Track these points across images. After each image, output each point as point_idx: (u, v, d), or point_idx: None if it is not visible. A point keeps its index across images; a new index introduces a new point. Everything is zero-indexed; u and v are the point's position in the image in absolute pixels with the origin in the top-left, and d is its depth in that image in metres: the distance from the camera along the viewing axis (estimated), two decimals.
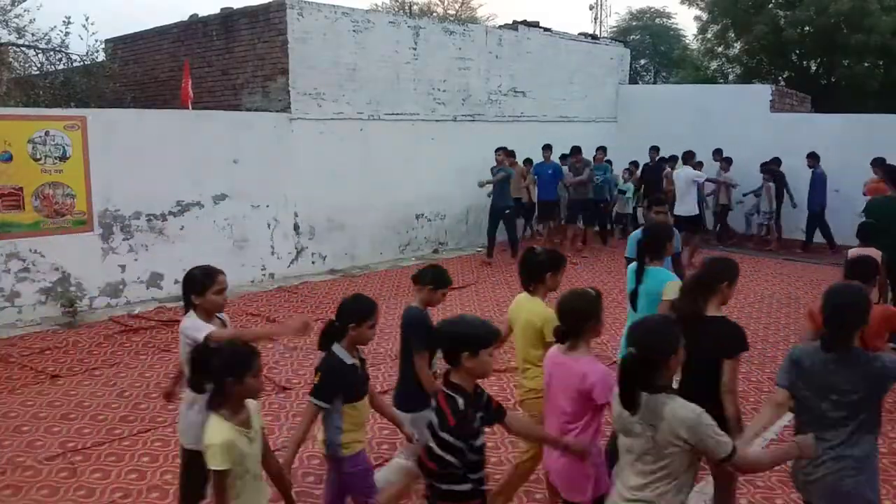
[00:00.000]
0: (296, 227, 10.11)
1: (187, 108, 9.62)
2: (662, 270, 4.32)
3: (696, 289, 3.55)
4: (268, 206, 9.77)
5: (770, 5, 21.92)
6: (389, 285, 9.66)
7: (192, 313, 3.46)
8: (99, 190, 8.20)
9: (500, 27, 14.01)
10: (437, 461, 2.64)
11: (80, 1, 15.30)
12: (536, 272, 3.86)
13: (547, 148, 11.78)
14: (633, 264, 4.44)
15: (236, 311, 8.30)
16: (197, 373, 2.82)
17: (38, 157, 7.74)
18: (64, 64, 12.51)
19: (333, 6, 10.06)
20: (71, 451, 4.79)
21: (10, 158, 7.55)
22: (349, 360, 3.32)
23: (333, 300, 8.82)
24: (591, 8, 59.44)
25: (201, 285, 3.44)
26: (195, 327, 3.33)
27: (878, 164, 10.06)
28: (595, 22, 40.01)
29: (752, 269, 10.81)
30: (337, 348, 3.32)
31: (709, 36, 24.54)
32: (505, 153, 10.94)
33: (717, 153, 12.94)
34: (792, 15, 21.01)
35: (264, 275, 9.84)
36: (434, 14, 32.09)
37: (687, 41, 33.36)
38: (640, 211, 12.94)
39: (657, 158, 12.88)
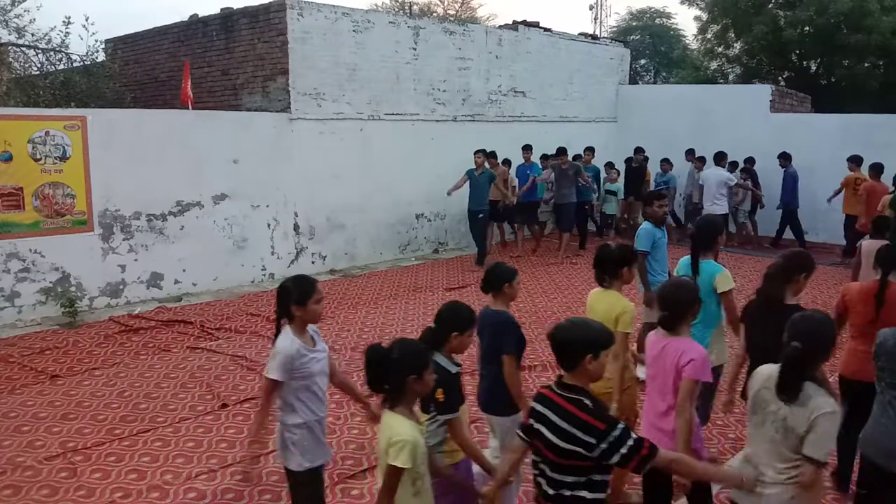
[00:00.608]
0: (296, 227, 10.11)
1: (187, 108, 9.62)
2: (712, 263, 4.52)
3: (777, 278, 3.74)
4: (268, 206, 9.77)
5: (770, 5, 21.93)
6: (389, 285, 9.66)
7: (288, 328, 3.32)
8: (99, 190, 8.20)
9: (500, 27, 14.00)
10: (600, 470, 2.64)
11: (80, 1, 15.30)
12: (613, 267, 4.06)
13: (527, 149, 11.56)
14: (687, 258, 4.61)
15: (236, 310, 8.31)
16: (375, 372, 2.84)
17: (38, 157, 7.75)
18: (64, 64, 12.52)
19: (333, 6, 10.06)
20: (71, 451, 4.79)
21: (10, 158, 7.55)
22: (453, 369, 3.19)
23: (333, 300, 8.83)
24: (591, 8, 59.45)
25: (304, 295, 3.30)
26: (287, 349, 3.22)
27: (856, 160, 10.69)
28: (595, 22, 40.03)
29: (753, 268, 10.82)
30: (440, 358, 3.15)
31: (709, 36, 24.55)
32: (484, 155, 10.58)
33: (690, 153, 12.96)
34: (792, 15, 21.02)
35: (264, 275, 9.84)
36: (434, 14, 32.10)
37: (687, 41, 33.41)
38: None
39: (642, 159, 12.85)
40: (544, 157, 11.90)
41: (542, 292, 9.31)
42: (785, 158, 11.90)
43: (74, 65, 12.48)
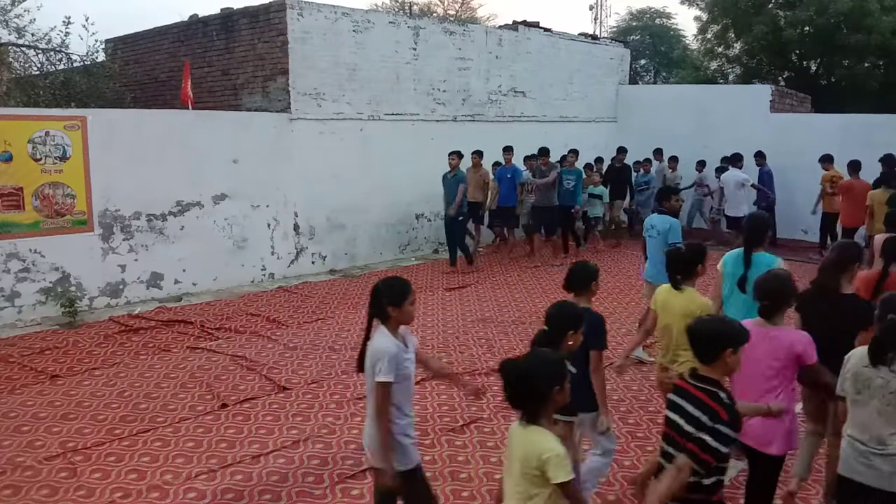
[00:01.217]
0: (296, 227, 10.11)
1: (187, 108, 9.62)
2: (766, 255, 4.70)
3: (832, 270, 3.98)
4: (268, 206, 9.77)
5: (770, 5, 21.92)
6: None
7: (383, 329, 3.33)
8: (99, 190, 8.20)
9: (500, 27, 14.00)
10: (713, 453, 2.70)
11: (80, 1, 15.30)
12: (689, 267, 4.32)
13: (507, 150, 11.17)
14: (738, 251, 4.78)
15: (236, 310, 8.31)
16: (517, 389, 2.66)
17: (38, 157, 7.74)
18: (64, 64, 12.52)
19: (333, 6, 10.05)
20: (71, 451, 4.79)
21: (10, 158, 7.55)
22: (573, 370, 3.13)
23: (333, 300, 8.84)
24: (591, 8, 59.45)
25: (401, 296, 3.30)
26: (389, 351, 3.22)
27: (828, 159, 11.05)
28: (595, 22, 40.02)
29: None
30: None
31: (709, 36, 24.54)
32: (458, 156, 10.22)
33: (658, 153, 13.13)
34: (792, 15, 21.01)
35: (264, 275, 9.84)
36: (434, 14, 32.09)
37: (687, 41, 33.39)
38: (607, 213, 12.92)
39: (624, 160, 12.78)
40: (527, 159, 11.54)
41: (543, 292, 9.31)
42: (760, 157, 12.11)
43: (74, 65, 12.49)
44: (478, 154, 10.84)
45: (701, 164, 12.81)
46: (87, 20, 12.06)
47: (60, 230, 7.95)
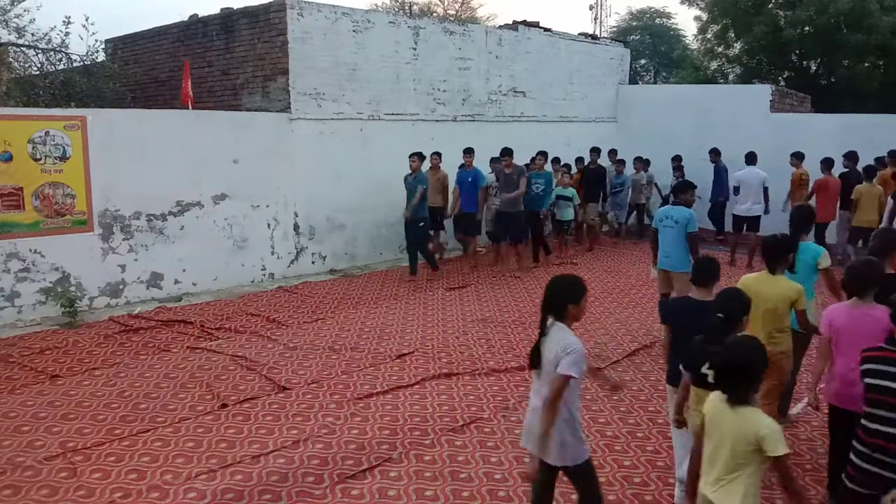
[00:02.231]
0: (296, 227, 10.11)
1: (187, 108, 9.62)
2: (812, 244, 5.25)
3: (880, 253, 4.44)
4: (268, 206, 9.77)
5: (770, 5, 21.92)
6: (389, 285, 9.65)
7: (563, 325, 3.45)
8: (99, 190, 8.19)
9: (500, 27, 14.00)
10: None
11: (80, 1, 15.31)
12: (783, 254, 4.60)
13: (468, 152, 10.48)
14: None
15: (236, 310, 8.31)
16: (735, 374, 2.91)
17: (38, 157, 7.74)
18: (64, 64, 12.51)
19: (333, 6, 10.05)
20: (71, 451, 4.79)
21: (10, 158, 7.55)
22: None
23: (333, 300, 8.84)
24: (591, 8, 59.49)
25: (581, 293, 3.46)
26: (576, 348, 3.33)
27: (799, 156, 11.31)
28: (595, 22, 40.06)
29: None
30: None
31: (709, 36, 24.54)
32: (419, 158, 9.76)
33: (612, 153, 13.01)
34: (792, 15, 21.01)
35: (264, 275, 9.84)
36: (434, 14, 32.10)
37: (687, 41, 33.41)
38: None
39: (598, 160, 12.43)
40: (492, 161, 10.76)
41: (543, 292, 9.29)
42: (715, 154, 12.37)
43: (74, 65, 12.48)
44: (437, 155, 10.40)
45: (646, 164, 12.94)
46: (87, 20, 12.08)
47: (60, 230, 7.95)
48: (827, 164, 10.75)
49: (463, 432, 5.13)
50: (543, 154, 11.08)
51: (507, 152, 10.24)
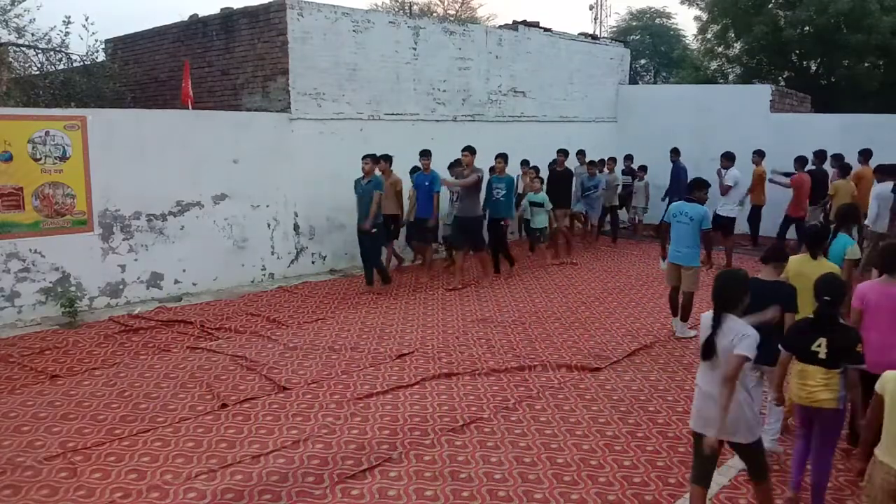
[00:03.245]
0: (296, 227, 10.10)
1: (187, 108, 9.62)
2: (846, 237, 5.72)
3: None
4: (268, 206, 9.77)
5: (770, 5, 21.92)
6: (389, 285, 9.64)
7: (734, 316, 3.65)
8: (99, 190, 8.19)
9: (500, 27, 14.00)
10: None
11: (80, 1, 15.31)
12: (822, 242, 5.11)
13: (425, 154, 9.80)
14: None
15: (236, 310, 8.31)
16: None
17: (38, 157, 7.74)
18: (64, 64, 12.51)
19: (333, 6, 10.05)
20: (71, 451, 4.79)
21: (10, 158, 7.54)
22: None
23: (333, 300, 8.83)
24: (591, 8, 59.48)
25: (749, 285, 3.77)
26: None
27: (760, 154, 11.85)
28: (595, 22, 40.06)
29: (751, 268, 10.81)
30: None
31: (709, 36, 24.55)
32: (373, 160, 9.08)
33: (581, 153, 12.60)
34: (792, 15, 21.02)
35: (264, 275, 9.84)
36: (434, 14, 32.10)
37: (687, 41, 33.43)
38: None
39: (565, 163, 11.67)
40: (451, 166, 10.03)
41: (543, 292, 9.31)
42: (675, 153, 12.54)
43: (74, 65, 12.48)
44: (386, 159, 9.72)
45: (612, 162, 12.79)
46: (87, 20, 12.08)
47: (60, 230, 7.95)
48: (801, 162, 11.25)
49: (463, 432, 5.13)
50: (503, 156, 10.09)
51: (467, 150, 9.43)
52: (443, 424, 5.25)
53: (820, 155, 11.35)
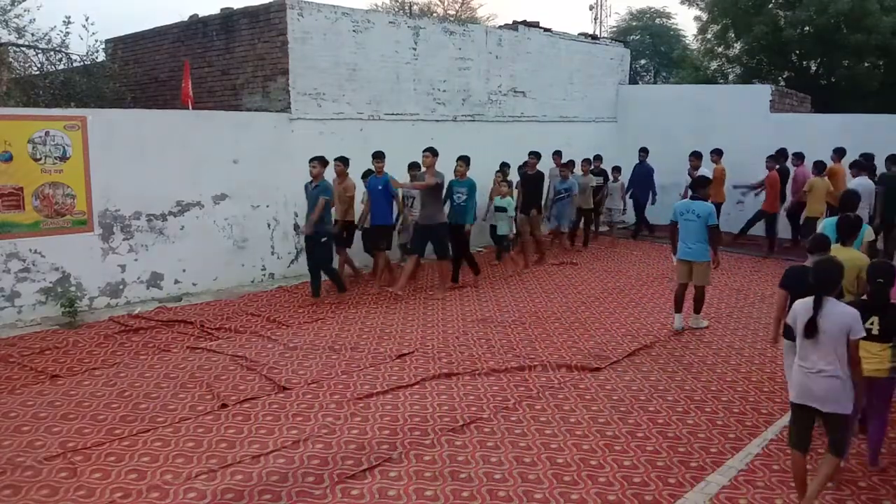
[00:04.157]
0: (296, 227, 10.09)
1: (187, 108, 9.61)
2: (864, 224, 5.96)
3: None
4: (268, 206, 9.77)
5: (770, 5, 21.93)
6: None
7: (833, 299, 4.03)
8: (99, 190, 8.19)
9: (500, 27, 14.00)
10: None
11: (80, 1, 15.31)
12: (854, 232, 5.43)
13: (378, 156, 9.16)
14: (831, 219, 5.99)
15: (236, 310, 8.31)
16: None
17: (38, 157, 7.74)
18: (64, 64, 12.51)
19: (333, 6, 10.05)
20: (71, 451, 4.79)
21: (10, 158, 7.54)
22: None
23: (333, 300, 8.82)
24: (591, 8, 59.48)
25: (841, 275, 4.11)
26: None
27: (719, 153, 12.11)
28: (595, 22, 40.05)
29: (752, 269, 10.84)
30: None
31: (709, 36, 24.55)
32: (321, 163, 8.56)
33: (557, 154, 12.05)
34: (792, 15, 21.02)
35: (264, 275, 9.84)
36: (434, 14, 32.10)
37: (687, 41, 33.41)
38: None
39: (537, 165, 11.06)
40: (411, 168, 9.80)
41: (543, 292, 9.31)
42: (644, 153, 12.69)
43: (74, 65, 12.48)
44: (342, 161, 9.19)
45: (586, 164, 12.32)
46: (87, 20, 12.08)
47: (60, 230, 7.95)
48: (775, 159, 11.70)
49: (463, 432, 5.13)
50: (464, 159, 9.56)
51: (428, 151, 8.89)
52: (443, 424, 5.25)
53: (782, 153, 11.90)
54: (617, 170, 12.69)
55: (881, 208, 10.00)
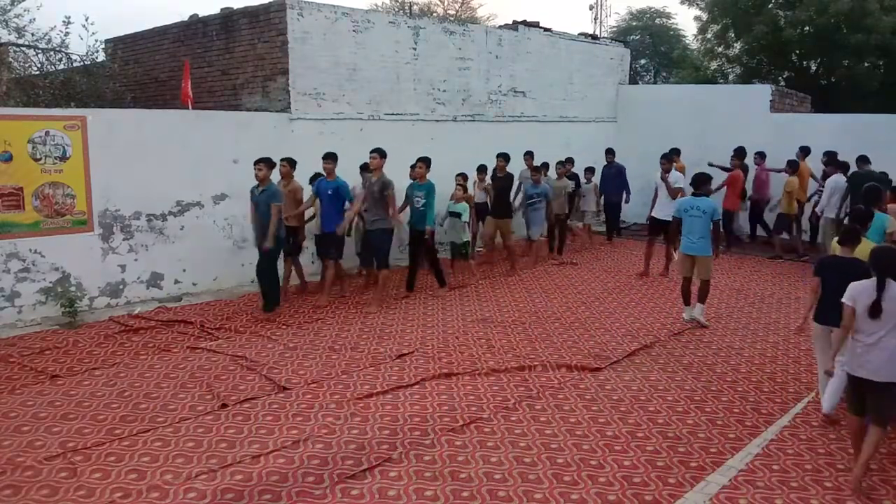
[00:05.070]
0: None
1: (187, 108, 9.61)
2: (881, 213, 6.55)
3: None
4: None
5: (770, 5, 21.91)
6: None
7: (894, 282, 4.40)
8: (99, 190, 8.19)
9: (500, 27, 14.00)
10: None
11: (80, 1, 15.31)
12: (867, 222, 5.89)
13: (329, 158, 8.51)
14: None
15: (236, 310, 8.31)
16: None
17: (38, 157, 7.74)
18: (64, 64, 12.51)
19: (333, 6, 10.05)
20: (71, 451, 4.79)
21: (10, 158, 7.54)
22: None
23: (333, 300, 8.81)
24: (591, 8, 59.35)
25: None
26: None
27: (677, 152, 11.92)
28: (595, 22, 39.99)
29: (752, 269, 10.84)
30: None
31: (709, 36, 24.53)
32: (268, 165, 7.97)
33: (529, 155, 11.12)
34: (792, 15, 21.00)
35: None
36: (434, 14, 32.10)
37: (687, 41, 33.36)
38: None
39: (506, 168, 10.38)
40: (363, 169, 9.32)
41: (543, 292, 9.31)
42: (611, 154, 12.65)
43: (74, 65, 12.48)
44: (288, 163, 8.69)
45: (561, 167, 11.67)
46: (87, 20, 12.08)
47: (60, 230, 7.95)
48: (738, 157, 12.18)
49: (463, 432, 5.13)
50: (424, 161, 9.07)
51: (376, 152, 8.36)
52: (443, 424, 5.25)
53: (739, 153, 12.26)
54: (590, 171, 12.19)
55: (851, 205, 10.21)
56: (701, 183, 7.97)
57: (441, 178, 10.84)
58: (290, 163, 8.78)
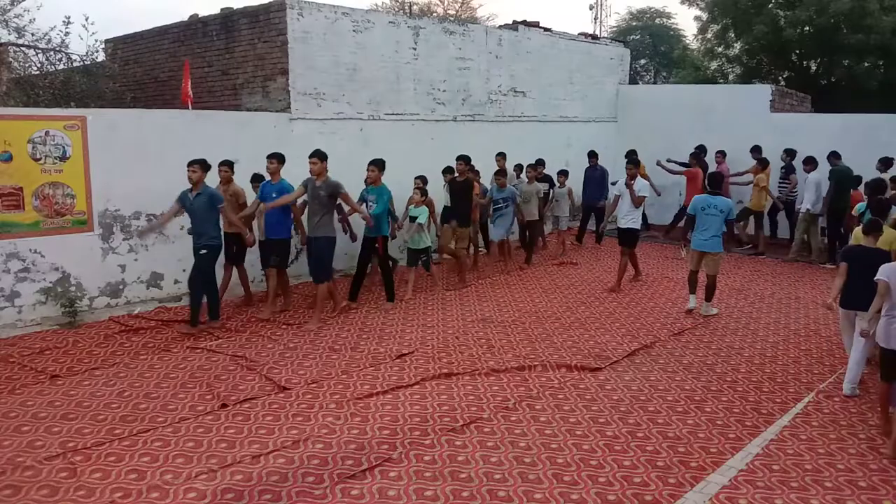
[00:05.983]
0: (295, 227, 10.07)
1: (187, 107, 9.61)
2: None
3: None
4: None
5: (770, 5, 21.90)
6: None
7: None
8: (99, 190, 8.18)
9: (500, 27, 14.00)
10: None
11: (80, 1, 15.31)
12: (886, 212, 6.30)
13: (274, 158, 8.05)
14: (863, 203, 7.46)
15: (235, 310, 8.30)
16: None
17: (38, 157, 7.74)
18: (64, 64, 12.50)
19: (333, 6, 10.05)
20: (71, 451, 4.79)
21: (10, 158, 7.54)
22: None
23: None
24: (591, 8, 59.37)
25: None
26: None
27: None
28: (595, 22, 40.07)
29: (753, 269, 10.84)
30: None
31: (709, 36, 24.53)
32: (202, 168, 7.43)
33: (500, 156, 10.84)
34: (792, 15, 21.00)
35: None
36: (434, 14, 32.09)
37: (687, 41, 33.38)
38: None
39: (466, 171, 9.79)
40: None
41: (543, 292, 9.31)
42: (594, 157, 12.53)
43: (74, 65, 12.48)
44: (227, 165, 8.18)
45: (532, 170, 10.99)
46: (86, 20, 12.08)
47: (60, 230, 7.95)
48: (696, 155, 12.64)
49: (463, 432, 5.13)
50: (377, 163, 8.53)
51: (315, 155, 7.86)
52: (443, 424, 5.25)
53: (701, 149, 12.84)
54: (563, 174, 11.73)
55: (829, 199, 10.96)
56: (717, 183, 8.44)
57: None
58: (229, 165, 8.18)
